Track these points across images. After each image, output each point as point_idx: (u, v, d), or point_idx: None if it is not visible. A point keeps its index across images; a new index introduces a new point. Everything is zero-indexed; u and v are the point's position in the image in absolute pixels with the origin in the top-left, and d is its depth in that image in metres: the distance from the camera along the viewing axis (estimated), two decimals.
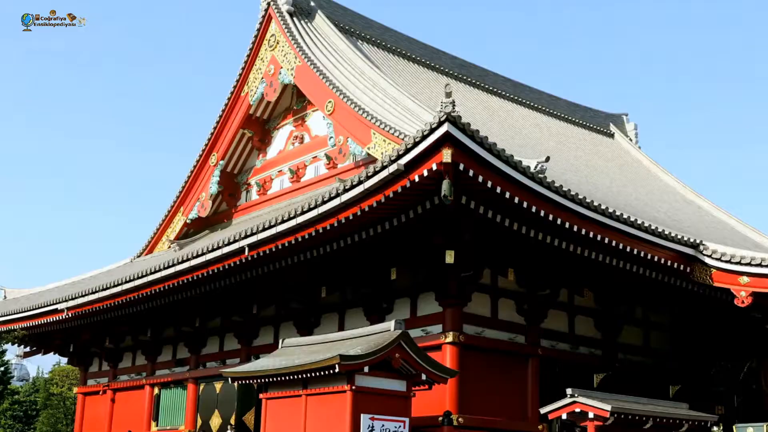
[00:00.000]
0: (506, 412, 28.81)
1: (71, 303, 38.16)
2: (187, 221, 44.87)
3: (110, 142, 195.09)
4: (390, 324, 25.42)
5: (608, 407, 23.11)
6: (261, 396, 27.31)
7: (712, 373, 38.45)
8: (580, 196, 25.55)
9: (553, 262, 29.23)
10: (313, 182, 39.11)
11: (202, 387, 38.23)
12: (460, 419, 26.99)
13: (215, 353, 38.82)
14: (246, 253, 28.73)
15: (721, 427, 40.99)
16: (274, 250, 28.04)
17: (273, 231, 27.51)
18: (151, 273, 33.24)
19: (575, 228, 25.61)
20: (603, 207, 26.24)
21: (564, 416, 24.78)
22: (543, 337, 31.11)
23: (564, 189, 25.10)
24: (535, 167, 24.62)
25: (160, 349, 42.15)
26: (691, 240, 29.10)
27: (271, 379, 26.35)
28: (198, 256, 30.87)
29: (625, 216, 26.99)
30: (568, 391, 23.83)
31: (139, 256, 47.33)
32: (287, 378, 25.56)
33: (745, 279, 28.05)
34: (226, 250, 29.58)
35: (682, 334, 37.86)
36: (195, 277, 31.68)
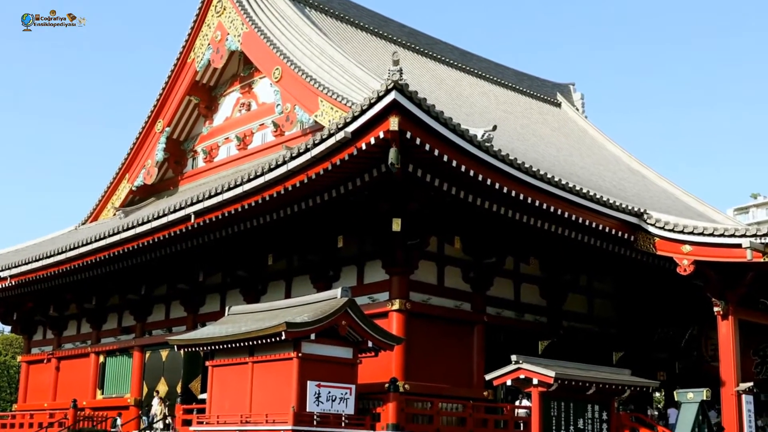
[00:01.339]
0: (452, 378, 29.04)
1: (14, 271, 37.76)
2: (133, 188, 44.49)
3: (52, 115, 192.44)
4: (337, 291, 25.49)
5: (552, 373, 23.35)
6: (207, 363, 27.28)
7: (655, 340, 39.09)
8: (527, 165, 25.69)
9: (500, 230, 29.42)
10: (260, 150, 38.92)
11: (148, 355, 38.07)
12: (406, 386, 27.15)
13: (161, 321, 38.64)
14: (192, 220, 28.57)
15: (663, 393, 41.82)
16: (220, 217, 27.91)
17: (219, 198, 27.37)
18: (96, 240, 32.94)
19: (521, 196, 25.77)
20: (549, 176, 26.41)
21: (509, 382, 25.02)
22: (489, 304, 31.35)
23: (511, 157, 25.22)
24: (482, 136, 24.70)
25: (106, 317, 41.85)
26: (636, 209, 29.42)
27: (217, 347, 26.34)
28: (144, 223, 30.63)
29: (570, 185, 27.20)
30: (513, 357, 24.04)
31: (83, 224, 46.87)
32: (234, 345, 25.57)
33: (687, 247, 28.45)
34: (172, 217, 29.38)
35: (625, 301, 38.37)
36: (140, 245, 31.46)
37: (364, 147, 23.24)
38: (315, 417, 24.12)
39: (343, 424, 24.88)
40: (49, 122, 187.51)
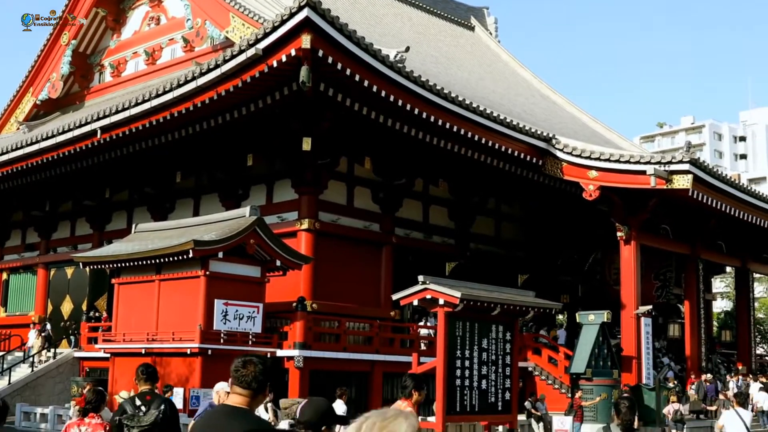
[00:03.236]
0: (360, 298, 29.27)
1: None
2: (38, 102, 43.26)
3: None
4: (245, 210, 25.37)
5: (458, 294, 23.55)
6: (113, 281, 27.02)
7: (559, 263, 39.85)
8: (438, 87, 25.69)
9: (410, 152, 29.50)
10: (169, 65, 38.09)
11: (52, 272, 37.51)
12: (314, 305, 27.30)
13: (66, 238, 38.05)
14: (98, 135, 28.02)
15: (566, 315, 42.74)
16: (127, 133, 27.43)
17: (126, 114, 26.86)
18: None
19: (432, 118, 25.82)
20: (460, 98, 26.47)
21: (415, 302, 25.18)
22: (398, 225, 31.55)
23: (422, 79, 25.18)
24: (395, 56, 24.59)
25: (9, 233, 41.01)
26: (544, 134, 29.71)
27: (123, 264, 26.07)
28: (48, 138, 29.95)
29: (481, 108, 27.32)
30: (420, 278, 24.17)
31: None
32: (140, 263, 25.33)
33: (593, 173, 28.90)
34: (77, 132, 28.77)
35: (532, 225, 38.97)
36: (45, 160, 30.80)
37: (275, 64, 22.97)
38: (222, 335, 24.15)
39: (250, 343, 24.96)
40: None
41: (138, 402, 8.76)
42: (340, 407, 17.70)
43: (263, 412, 16.91)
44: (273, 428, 5.29)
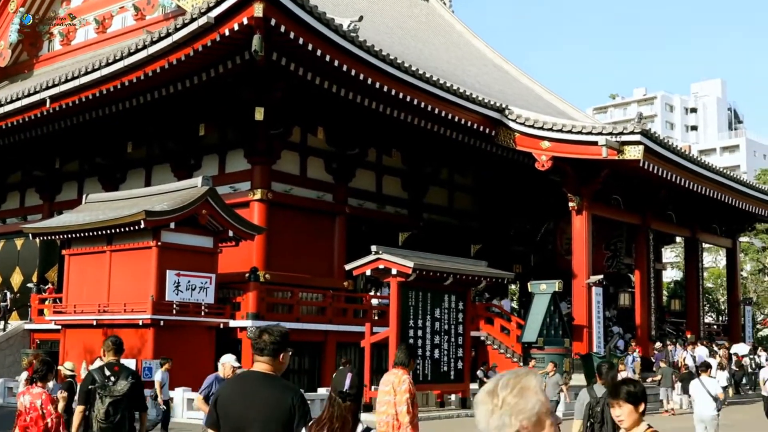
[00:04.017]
0: (313, 268, 29.24)
1: None
2: None
3: None
4: (197, 180, 25.21)
5: (410, 264, 23.65)
6: (64, 252, 26.77)
7: (512, 233, 40.10)
8: (392, 57, 25.63)
9: (364, 122, 29.44)
10: (119, 34, 37.53)
11: (1, 244, 37.01)
12: (266, 275, 27.24)
13: (15, 209, 37.57)
14: (48, 105, 27.64)
15: (518, 284, 43.04)
16: (77, 102, 27.09)
17: (76, 83, 26.51)
18: None
19: (386, 88, 25.77)
20: (414, 69, 26.43)
21: (368, 272, 25.27)
22: (351, 195, 31.52)
23: (376, 49, 25.11)
24: (348, 26, 24.47)
25: None
26: (498, 104, 29.78)
27: (74, 235, 25.83)
28: None
29: (434, 78, 27.30)
30: (373, 248, 24.25)
31: None
32: (91, 234, 25.10)
33: (546, 143, 29.05)
34: (26, 101, 28.36)
35: (485, 196, 39.13)
36: None
37: (227, 33, 22.78)
38: (174, 306, 24.05)
39: (203, 313, 24.90)
40: None
41: (107, 372, 8.88)
42: None
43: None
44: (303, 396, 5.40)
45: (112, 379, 8.79)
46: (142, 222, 23.25)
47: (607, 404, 8.31)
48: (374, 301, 30.15)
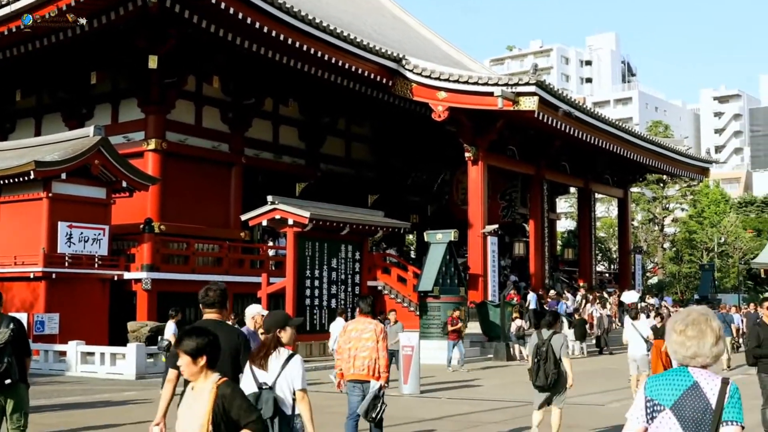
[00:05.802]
0: (209, 219, 28.99)
1: None
2: None
3: None
4: (89, 130, 24.69)
5: (307, 214, 23.68)
6: None
7: (409, 183, 40.35)
8: (288, 5, 25.35)
9: (259, 71, 29.15)
10: None
11: None
12: (162, 226, 26.90)
13: None
14: None
15: (415, 234, 43.41)
16: None
17: None
18: None
19: (281, 36, 25.50)
20: (310, 17, 26.20)
21: (264, 222, 25.23)
22: (247, 145, 31.23)
23: None
24: None
25: None
26: (395, 54, 29.76)
27: None
28: None
29: (331, 27, 27.11)
30: (269, 198, 24.17)
31: None
32: None
33: (442, 94, 29.19)
34: None
35: (382, 146, 39.19)
36: None
37: None
38: (67, 258, 23.62)
39: (96, 266, 24.51)
40: None
41: None
42: (171, 328, 17.63)
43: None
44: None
45: None
46: (31, 173, 22.69)
47: (550, 344, 10.54)
48: (271, 252, 30.06)
